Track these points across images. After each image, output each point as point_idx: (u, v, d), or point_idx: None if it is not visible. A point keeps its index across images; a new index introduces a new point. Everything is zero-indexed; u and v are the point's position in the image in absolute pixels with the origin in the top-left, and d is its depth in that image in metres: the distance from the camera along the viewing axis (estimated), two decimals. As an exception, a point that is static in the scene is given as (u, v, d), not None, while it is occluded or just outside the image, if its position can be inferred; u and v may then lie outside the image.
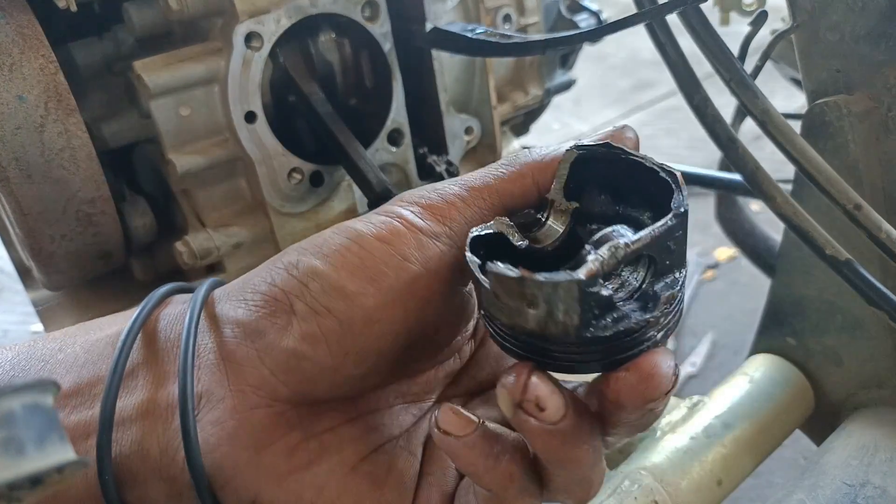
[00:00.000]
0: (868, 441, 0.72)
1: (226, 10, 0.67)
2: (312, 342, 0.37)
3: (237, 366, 0.38)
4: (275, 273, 0.39)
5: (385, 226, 0.39)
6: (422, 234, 0.38)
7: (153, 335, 0.40)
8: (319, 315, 0.37)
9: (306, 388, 0.38)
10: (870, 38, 0.62)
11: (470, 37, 0.69)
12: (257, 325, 0.38)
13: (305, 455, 0.38)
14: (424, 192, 0.40)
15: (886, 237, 0.48)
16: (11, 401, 0.30)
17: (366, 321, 0.37)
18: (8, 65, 0.60)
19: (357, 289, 0.37)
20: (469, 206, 0.39)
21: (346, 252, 0.38)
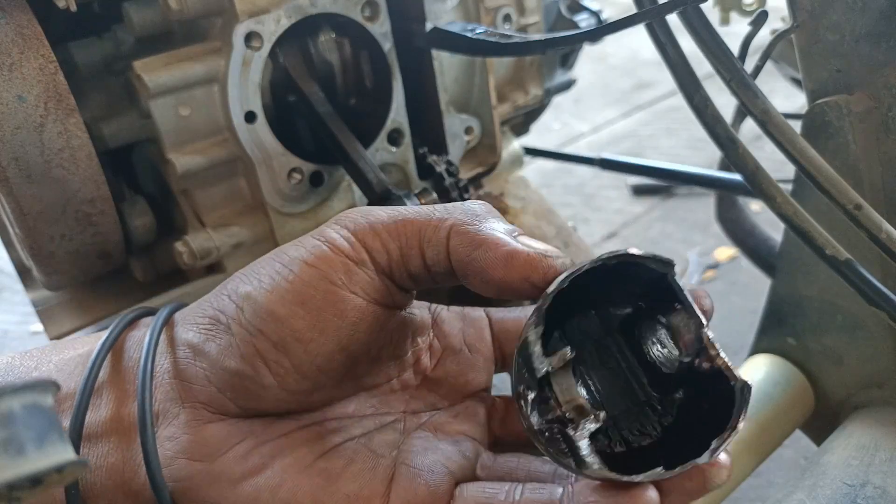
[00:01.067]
0: (868, 441, 0.72)
1: (226, 9, 0.67)
2: (251, 362, 0.39)
3: (188, 384, 0.40)
4: (219, 299, 0.42)
5: (314, 250, 0.40)
6: (347, 259, 0.40)
7: (119, 356, 0.43)
8: (254, 336, 0.39)
9: (253, 404, 0.41)
10: (870, 38, 0.62)
11: (470, 36, 0.69)
12: (204, 346, 0.40)
13: (258, 459, 0.40)
14: (357, 217, 0.41)
15: (887, 237, 0.48)
16: (11, 401, 0.30)
17: (298, 340, 0.39)
18: (7, 65, 0.60)
19: (286, 311, 0.39)
20: (392, 237, 0.40)
21: (276, 276, 0.40)
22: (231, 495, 0.39)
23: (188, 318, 0.43)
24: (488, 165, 0.93)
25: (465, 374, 0.47)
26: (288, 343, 0.39)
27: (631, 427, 0.40)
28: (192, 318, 0.42)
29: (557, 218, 0.99)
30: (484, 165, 0.93)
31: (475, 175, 0.93)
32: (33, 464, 0.29)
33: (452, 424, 0.45)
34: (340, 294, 0.39)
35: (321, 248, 0.40)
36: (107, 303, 0.80)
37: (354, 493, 0.40)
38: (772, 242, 1.18)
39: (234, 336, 0.40)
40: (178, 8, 0.65)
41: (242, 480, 0.40)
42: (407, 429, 0.45)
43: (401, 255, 0.40)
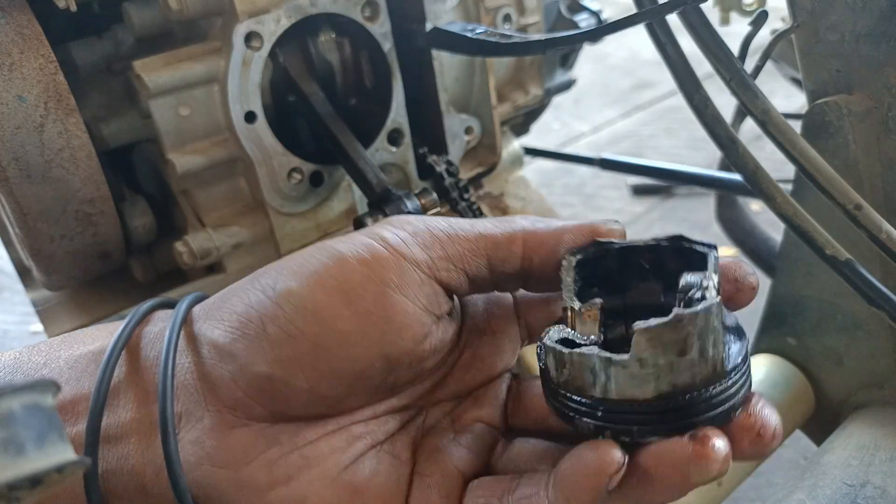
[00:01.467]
0: (868, 441, 0.72)
1: (225, 9, 0.67)
2: (286, 366, 0.37)
3: (213, 386, 0.38)
4: (252, 294, 0.39)
5: (367, 248, 0.38)
6: (404, 260, 0.38)
7: (135, 353, 0.41)
8: (293, 338, 0.37)
9: (282, 408, 0.39)
10: (870, 38, 0.62)
11: (470, 36, 0.69)
12: (231, 347, 0.38)
13: (285, 469, 0.39)
14: (412, 219, 0.40)
15: (887, 237, 0.48)
16: (11, 401, 0.30)
17: (340, 344, 0.37)
18: (7, 65, 0.60)
19: (332, 312, 0.37)
20: (454, 243, 0.39)
21: (323, 273, 0.38)
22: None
23: (212, 313, 0.40)
24: (488, 165, 0.93)
25: (491, 357, 0.45)
26: (329, 346, 0.37)
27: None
28: (217, 315, 0.39)
29: (558, 218, 0.99)
30: (484, 165, 0.93)
31: (475, 175, 0.93)
32: (33, 464, 0.29)
33: (470, 411, 0.44)
34: (390, 297, 0.37)
35: (374, 246, 0.38)
36: (107, 303, 0.80)
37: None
38: (771, 242, 1.18)
39: (268, 337, 0.37)
40: (177, 8, 0.65)
41: (269, 490, 0.38)
42: (426, 424, 0.44)
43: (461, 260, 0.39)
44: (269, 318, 0.37)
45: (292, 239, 0.77)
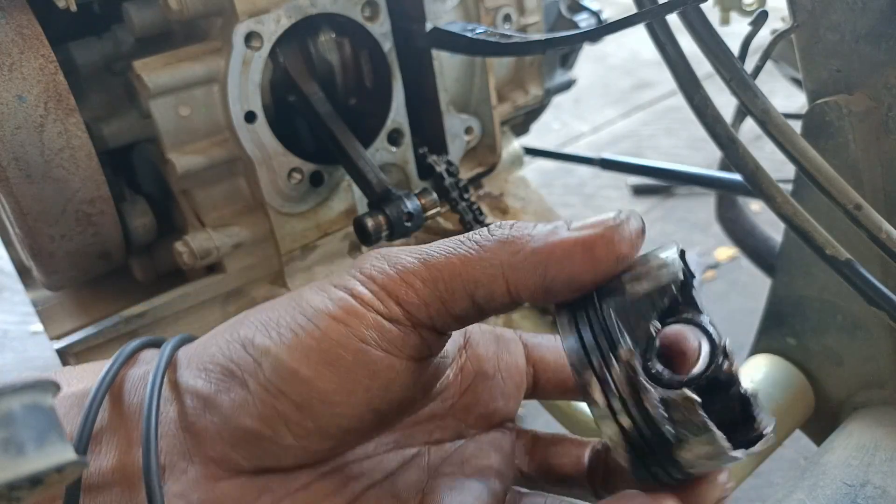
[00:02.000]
0: (868, 441, 0.72)
1: (225, 9, 0.67)
2: (271, 423, 0.36)
3: (198, 437, 0.37)
4: (231, 347, 0.38)
5: (342, 304, 0.36)
6: (380, 316, 0.36)
7: (119, 397, 0.39)
8: (274, 397, 0.36)
9: (270, 463, 0.37)
10: (870, 38, 0.62)
11: (470, 36, 0.69)
12: (216, 398, 0.37)
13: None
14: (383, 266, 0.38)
15: (887, 237, 0.48)
16: (11, 401, 0.30)
17: (325, 403, 0.36)
18: (7, 65, 0.60)
19: (312, 373, 0.35)
20: (427, 286, 0.36)
21: (299, 331, 0.36)
22: None
23: (194, 361, 0.39)
24: (488, 165, 0.93)
25: (496, 401, 0.44)
26: (313, 405, 0.36)
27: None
28: (200, 364, 0.38)
29: (558, 218, 0.99)
30: (484, 165, 0.93)
31: (475, 175, 0.93)
32: (33, 464, 0.29)
33: (479, 459, 0.43)
34: (372, 354, 0.36)
35: (348, 302, 0.36)
36: (107, 303, 0.80)
37: None
38: (772, 242, 1.18)
39: (250, 393, 0.36)
40: (177, 8, 0.65)
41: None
42: (431, 464, 0.42)
43: (441, 303, 0.36)
44: (250, 375, 0.36)
45: (292, 239, 0.77)
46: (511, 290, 0.36)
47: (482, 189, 1.00)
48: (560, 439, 0.46)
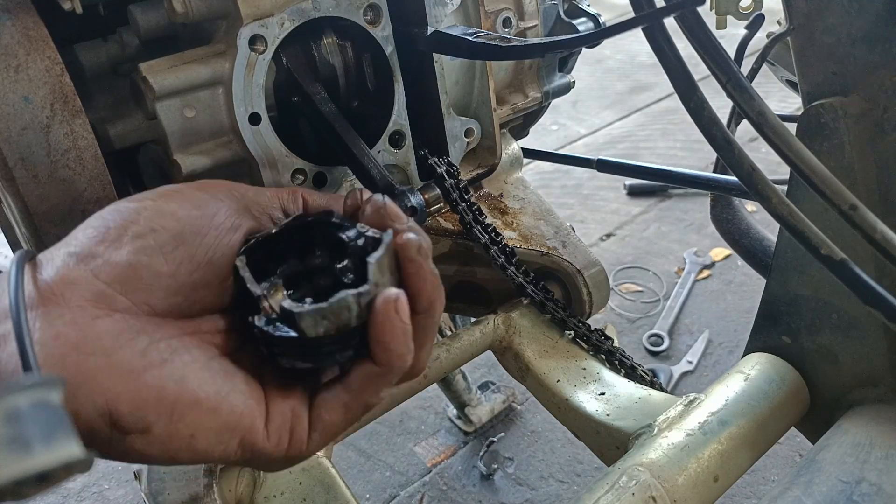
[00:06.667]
0: (863, 438, 0.72)
1: (230, 13, 0.67)
2: (148, 253, 0.43)
3: (71, 285, 0.41)
4: (105, 213, 0.45)
5: (203, 181, 0.51)
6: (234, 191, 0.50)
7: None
8: (154, 231, 0.43)
9: (144, 297, 0.42)
10: (866, 41, 0.63)
11: (470, 40, 0.69)
12: (92, 250, 0.42)
13: (158, 355, 0.41)
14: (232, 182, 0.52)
15: (881, 237, 0.49)
16: (18, 398, 0.31)
17: (195, 235, 0.45)
18: (14, 66, 0.61)
19: (186, 213, 0.45)
20: (261, 195, 0.52)
21: (174, 190, 0.47)
22: (135, 386, 0.39)
23: (66, 242, 0.44)
24: (488, 167, 0.93)
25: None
26: (186, 237, 0.44)
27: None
28: (71, 239, 0.44)
29: (556, 218, 1.00)
30: (484, 167, 0.94)
31: (475, 176, 0.94)
32: (40, 461, 0.30)
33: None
34: (236, 206, 0.48)
35: (211, 181, 0.51)
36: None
37: (250, 392, 0.44)
38: (766, 243, 1.19)
39: (129, 234, 0.43)
40: (182, 11, 0.66)
41: (146, 372, 0.40)
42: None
43: (267, 210, 0.51)
44: (131, 220, 0.44)
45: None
46: (304, 207, 0.54)
47: (482, 190, 1.01)
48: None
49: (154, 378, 0.40)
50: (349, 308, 0.43)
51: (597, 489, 0.68)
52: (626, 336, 2.00)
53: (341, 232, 0.49)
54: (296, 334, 0.43)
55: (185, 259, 0.44)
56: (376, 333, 0.44)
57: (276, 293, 0.46)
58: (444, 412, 1.78)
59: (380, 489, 1.61)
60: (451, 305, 1.07)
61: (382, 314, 0.44)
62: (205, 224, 0.46)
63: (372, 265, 0.45)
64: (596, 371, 0.88)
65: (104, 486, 1.63)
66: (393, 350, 0.44)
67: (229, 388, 0.43)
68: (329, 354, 0.45)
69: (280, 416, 0.45)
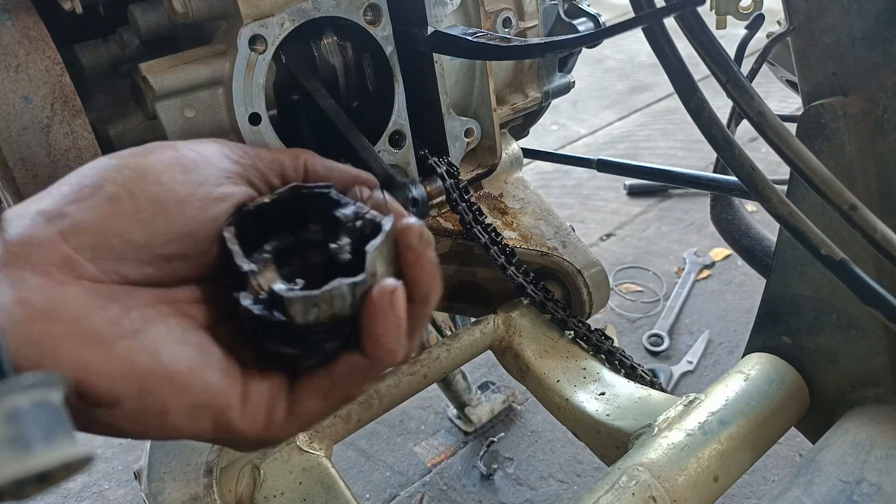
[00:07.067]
0: (863, 438, 0.72)
1: (230, 13, 0.68)
2: (124, 220, 0.40)
3: (37, 248, 0.38)
4: (85, 168, 0.42)
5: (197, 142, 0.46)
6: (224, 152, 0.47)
7: None
8: (133, 196, 0.40)
9: (114, 266, 0.39)
10: (866, 41, 0.63)
11: (470, 40, 0.69)
12: (62, 209, 0.39)
13: (130, 324, 0.39)
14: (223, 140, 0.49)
15: (882, 237, 0.49)
16: (19, 398, 0.31)
17: (178, 204, 0.42)
18: (14, 66, 0.61)
19: (171, 177, 0.42)
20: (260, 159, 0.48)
21: (161, 151, 0.44)
22: (104, 356, 0.37)
23: (36, 198, 0.40)
24: (488, 167, 0.94)
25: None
26: (167, 205, 0.41)
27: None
28: (43, 195, 0.40)
29: (556, 218, 1.00)
30: (484, 167, 0.94)
31: (475, 176, 0.94)
32: (40, 460, 0.30)
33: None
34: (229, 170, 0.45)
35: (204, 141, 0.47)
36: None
37: (227, 369, 0.42)
38: (766, 243, 1.19)
39: (106, 194, 0.40)
40: (182, 11, 0.66)
41: (117, 341, 0.37)
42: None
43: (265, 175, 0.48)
44: (108, 180, 0.40)
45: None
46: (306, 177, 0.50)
47: (482, 190, 1.01)
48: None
49: (125, 349, 0.37)
50: (343, 297, 0.41)
51: (597, 489, 0.68)
52: (626, 336, 2.00)
53: (339, 209, 0.47)
54: (284, 318, 0.41)
55: (162, 229, 0.41)
56: (368, 326, 0.42)
57: (266, 270, 0.44)
58: (444, 412, 1.78)
59: (380, 489, 1.61)
60: (451, 305, 1.07)
61: (377, 306, 0.42)
62: (189, 192, 0.42)
63: (370, 254, 0.42)
64: (596, 371, 0.88)
65: (104, 486, 1.63)
66: (384, 344, 0.42)
67: (204, 364, 0.41)
68: (317, 342, 0.43)
69: (257, 397, 0.43)
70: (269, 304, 0.42)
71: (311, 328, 0.42)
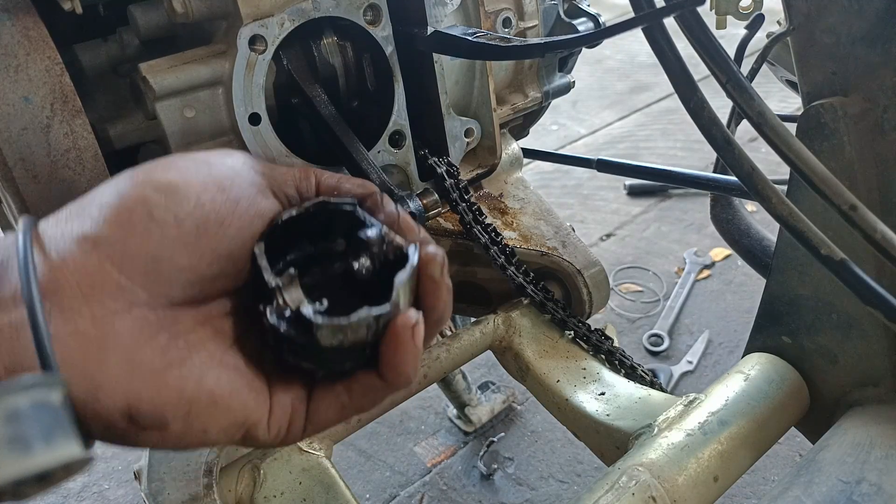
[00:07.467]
0: (863, 438, 0.72)
1: (230, 13, 0.68)
2: (170, 245, 0.40)
3: (88, 276, 0.38)
4: (120, 187, 0.42)
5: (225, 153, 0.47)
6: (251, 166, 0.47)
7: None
8: (178, 219, 0.41)
9: (163, 290, 0.41)
10: (866, 41, 0.63)
11: (470, 40, 0.69)
12: (107, 235, 0.40)
13: (177, 353, 0.40)
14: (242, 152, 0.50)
15: (881, 237, 0.49)
16: (18, 398, 0.31)
17: (219, 225, 0.43)
18: (14, 66, 0.61)
19: (209, 197, 0.43)
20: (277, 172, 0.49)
21: (195, 168, 0.44)
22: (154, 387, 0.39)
23: (69, 217, 0.41)
24: (488, 167, 0.94)
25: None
26: (209, 227, 0.42)
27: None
28: (80, 214, 0.41)
29: (556, 218, 1.00)
30: (484, 167, 0.94)
31: (475, 176, 0.94)
32: (39, 460, 0.30)
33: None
34: (259, 180, 0.46)
35: (232, 152, 0.47)
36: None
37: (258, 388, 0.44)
38: (766, 243, 1.19)
39: (154, 220, 0.40)
40: (182, 11, 0.66)
41: (167, 371, 0.39)
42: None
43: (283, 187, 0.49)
44: (153, 205, 0.41)
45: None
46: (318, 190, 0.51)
47: (482, 190, 1.01)
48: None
49: (175, 378, 0.40)
50: (368, 326, 0.43)
51: (597, 489, 0.68)
52: (626, 336, 2.00)
53: (364, 229, 0.48)
54: (308, 340, 0.43)
55: (207, 252, 0.42)
56: (389, 355, 0.44)
57: (291, 286, 0.45)
58: (444, 412, 1.78)
59: (380, 489, 1.61)
60: (452, 305, 1.07)
61: (399, 338, 0.44)
62: (229, 212, 0.43)
63: (397, 287, 0.44)
64: (596, 371, 0.88)
65: (104, 486, 1.63)
66: (401, 372, 0.45)
67: (241, 385, 0.43)
68: (336, 362, 0.45)
69: (280, 410, 0.45)
70: (294, 322, 0.43)
71: (332, 350, 0.43)
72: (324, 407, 0.47)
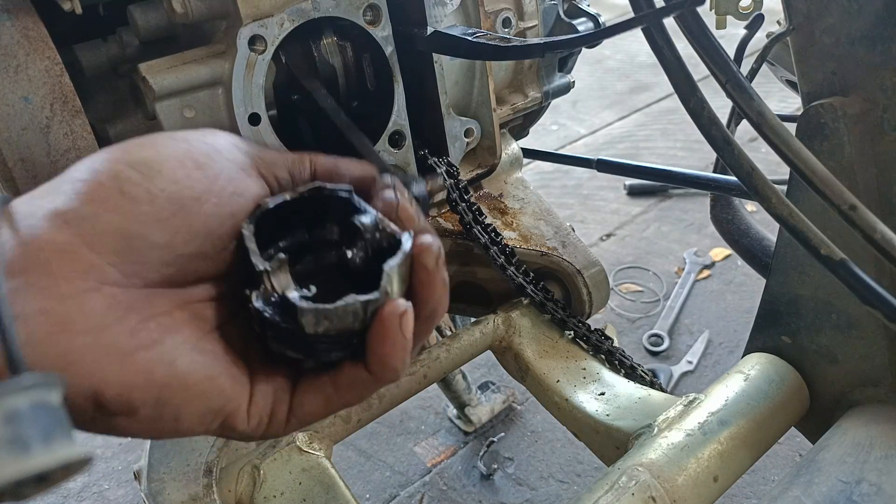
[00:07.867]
0: (863, 439, 0.72)
1: (229, 13, 0.68)
2: (144, 222, 0.39)
3: (59, 253, 0.37)
4: (94, 164, 0.40)
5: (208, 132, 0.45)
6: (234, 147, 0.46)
7: None
8: (151, 195, 0.39)
9: (136, 269, 0.39)
10: (865, 41, 0.63)
11: (470, 40, 0.69)
12: (79, 211, 0.38)
13: (147, 335, 0.39)
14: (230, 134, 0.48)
15: (881, 237, 0.49)
16: (17, 399, 0.31)
17: (195, 202, 0.41)
18: (13, 66, 0.61)
19: (185, 174, 0.41)
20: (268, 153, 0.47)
21: (172, 145, 0.43)
22: (122, 369, 0.37)
23: (42, 193, 0.39)
24: (488, 167, 0.94)
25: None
26: (185, 203, 0.41)
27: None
28: (52, 190, 0.39)
29: (556, 218, 1.00)
30: (484, 167, 0.94)
31: (475, 176, 0.94)
32: (39, 461, 0.30)
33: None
34: (239, 158, 0.45)
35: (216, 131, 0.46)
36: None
37: (237, 374, 0.43)
38: (766, 243, 1.19)
39: (125, 196, 0.39)
40: (182, 11, 0.66)
41: (135, 353, 0.38)
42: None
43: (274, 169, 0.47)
44: (125, 180, 0.39)
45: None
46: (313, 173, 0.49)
47: (482, 190, 1.01)
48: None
49: (143, 361, 0.38)
50: (355, 314, 0.42)
51: (597, 489, 0.68)
52: (626, 336, 2.00)
53: (359, 216, 0.47)
54: (293, 326, 0.42)
55: (182, 229, 0.40)
56: (376, 344, 0.42)
57: (280, 271, 0.44)
58: (444, 412, 1.78)
59: (380, 489, 1.61)
60: (452, 305, 1.07)
61: (386, 327, 0.42)
62: (205, 189, 0.42)
63: (386, 273, 0.43)
64: (596, 371, 0.88)
65: (104, 486, 1.64)
66: (389, 364, 0.43)
67: (218, 371, 0.41)
68: (323, 351, 0.43)
69: (262, 399, 0.44)
70: (279, 308, 0.42)
71: (319, 338, 0.42)
72: (308, 399, 0.45)
